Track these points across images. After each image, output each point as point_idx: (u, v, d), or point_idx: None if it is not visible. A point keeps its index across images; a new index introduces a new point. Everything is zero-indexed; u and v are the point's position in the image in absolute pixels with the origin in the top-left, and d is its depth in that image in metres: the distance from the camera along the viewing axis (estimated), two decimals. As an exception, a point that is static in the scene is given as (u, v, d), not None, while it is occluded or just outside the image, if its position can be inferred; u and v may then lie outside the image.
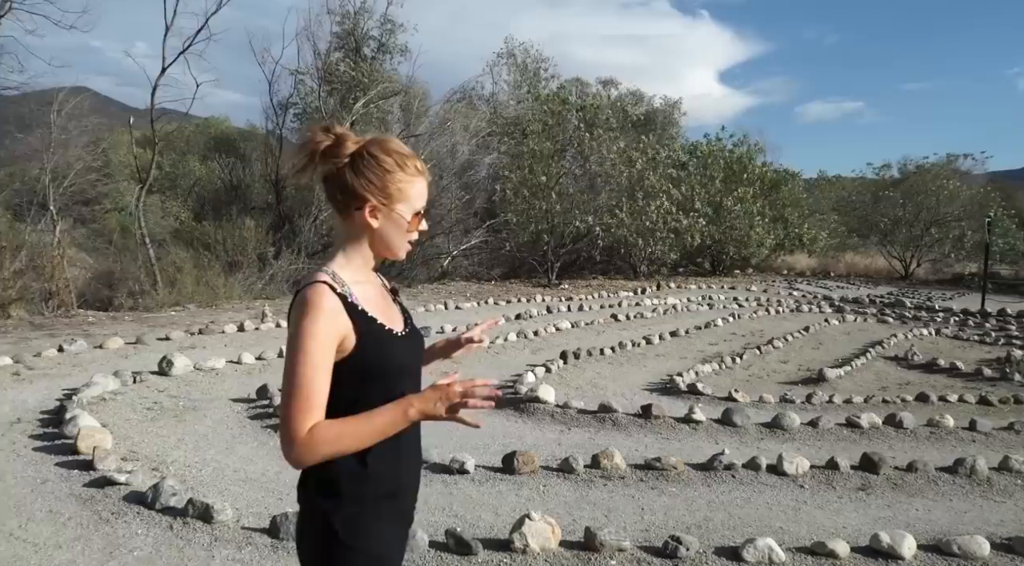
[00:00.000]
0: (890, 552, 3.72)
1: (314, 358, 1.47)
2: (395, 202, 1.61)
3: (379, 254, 1.68)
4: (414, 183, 1.63)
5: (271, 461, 5.12)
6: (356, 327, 1.54)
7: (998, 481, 5.12)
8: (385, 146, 1.62)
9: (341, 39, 25.21)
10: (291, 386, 1.46)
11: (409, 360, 1.67)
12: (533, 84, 30.75)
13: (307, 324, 1.48)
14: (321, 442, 1.44)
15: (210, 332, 9.53)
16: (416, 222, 1.66)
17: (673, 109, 40.71)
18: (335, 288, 1.54)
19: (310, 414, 1.45)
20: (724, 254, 23.67)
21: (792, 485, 4.97)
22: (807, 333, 12.35)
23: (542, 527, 3.68)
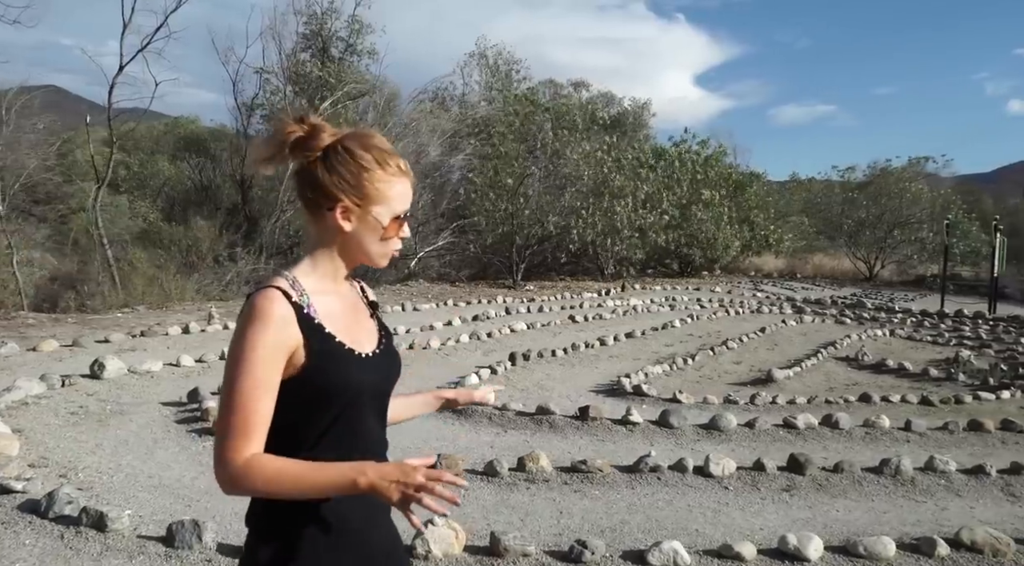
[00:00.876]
0: (796, 554, 3.69)
1: (256, 372, 1.31)
2: (371, 203, 1.44)
3: (353, 260, 1.50)
4: (394, 183, 1.46)
5: (189, 466, 5.00)
6: (307, 343, 1.36)
7: (922, 481, 5.13)
8: (364, 141, 1.45)
9: (308, 39, 25.01)
10: (229, 403, 1.31)
11: (373, 384, 1.47)
12: (505, 85, 30.77)
13: (251, 334, 1.32)
14: (256, 477, 1.28)
15: (153, 334, 9.34)
16: (396, 227, 1.47)
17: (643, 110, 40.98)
18: (290, 296, 1.38)
19: (247, 438, 1.29)
20: (691, 256, 23.78)
21: (717, 487, 4.94)
22: (763, 334, 12.39)
23: (445, 533, 3.60)
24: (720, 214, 22.88)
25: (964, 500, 4.90)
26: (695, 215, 22.09)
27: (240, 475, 1.28)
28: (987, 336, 12.80)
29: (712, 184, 23.81)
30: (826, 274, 26.62)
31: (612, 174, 19.10)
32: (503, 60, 33.10)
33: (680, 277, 23.35)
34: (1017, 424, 6.67)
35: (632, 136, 31.57)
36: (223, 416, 1.31)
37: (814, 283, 23.31)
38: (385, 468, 1.28)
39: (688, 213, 22.18)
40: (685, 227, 22.34)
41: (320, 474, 1.29)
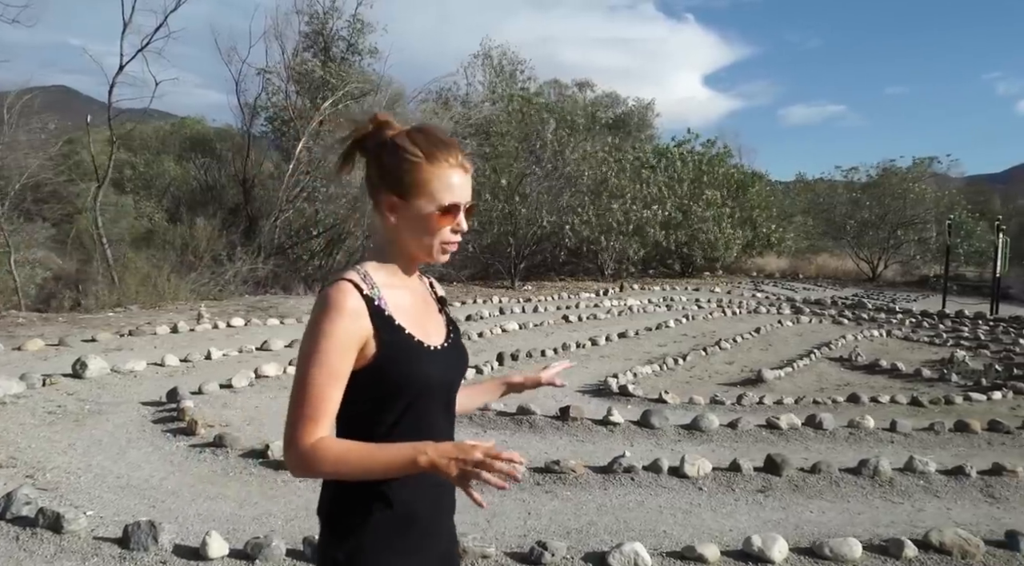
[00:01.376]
0: (760, 556, 3.63)
1: (328, 361, 1.34)
2: (414, 197, 1.44)
3: (410, 255, 1.50)
4: (441, 175, 1.44)
5: (160, 467, 4.97)
6: (378, 334, 1.39)
7: (900, 482, 5.06)
8: (415, 135, 1.46)
9: (310, 39, 25.08)
10: (300, 389, 1.35)
11: (441, 376, 1.49)
12: (508, 85, 30.77)
13: (324, 324, 1.36)
14: (322, 460, 1.32)
15: (141, 333, 9.33)
16: (443, 219, 1.45)
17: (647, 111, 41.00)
18: (362, 289, 1.40)
19: (316, 422, 1.34)
20: (693, 256, 23.70)
21: (691, 488, 4.88)
22: (758, 334, 12.31)
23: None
24: (722, 214, 22.80)
25: (942, 501, 4.83)
26: (696, 214, 21.99)
27: (309, 457, 1.33)
28: (985, 337, 12.68)
29: (715, 184, 23.74)
30: (829, 274, 26.49)
31: (611, 174, 19.02)
32: (507, 60, 33.17)
33: (681, 277, 23.27)
34: (1004, 425, 6.58)
35: (636, 136, 31.57)
36: (294, 403, 1.36)
37: (816, 283, 23.19)
38: (444, 446, 1.31)
39: (689, 212, 22.09)
40: (686, 227, 22.26)
41: (383, 454, 1.33)
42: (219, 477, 4.84)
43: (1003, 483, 5.09)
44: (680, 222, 22.05)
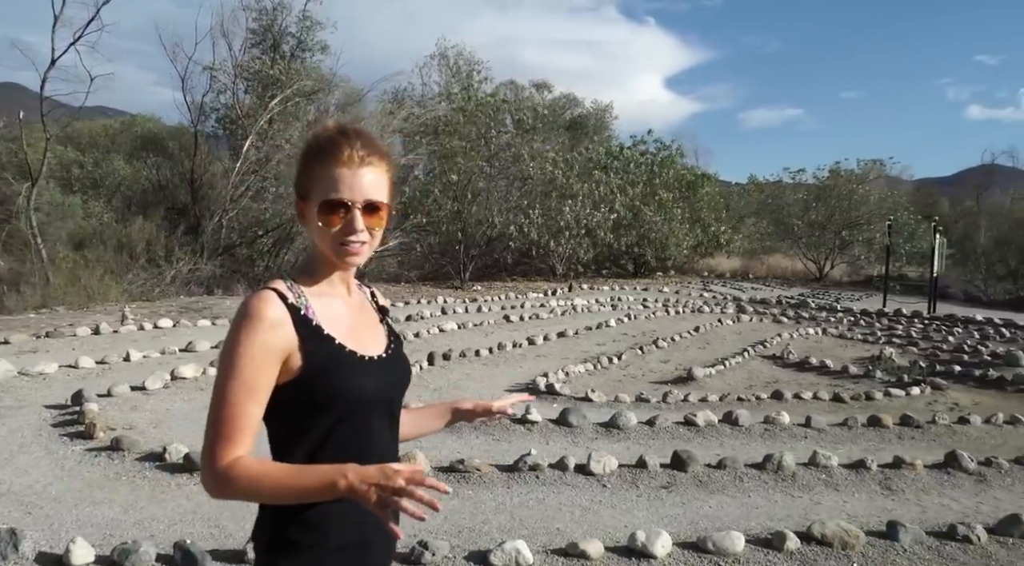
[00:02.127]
0: (643, 551, 3.62)
1: (243, 375, 1.26)
2: (306, 197, 1.36)
3: (328, 260, 1.39)
4: (326, 173, 1.34)
5: (48, 472, 4.80)
6: (303, 345, 1.31)
7: (803, 476, 5.10)
8: (312, 134, 1.40)
9: (258, 35, 24.72)
10: (216, 406, 1.27)
11: (378, 388, 1.39)
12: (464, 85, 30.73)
13: (241, 335, 1.27)
14: (235, 480, 1.24)
15: (59, 335, 9.05)
16: (330, 219, 1.34)
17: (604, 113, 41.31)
18: (287, 298, 1.32)
19: (232, 441, 1.25)
20: (644, 256, 23.89)
21: (595, 485, 4.86)
22: (696, 333, 12.42)
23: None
24: (672, 215, 23.00)
25: (840, 494, 4.89)
26: (646, 215, 22.16)
27: (222, 478, 1.25)
28: (917, 334, 12.95)
29: (666, 185, 23.96)
30: (778, 275, 26.92)
31: (558, 173, 19.05)
32: (464, 61, 33.12)
33: (633, 277, 23.41)
34: (914, 420, 6.70)
35: (593, 138, 31.70)
36: (210, 419, 1.28)
37: (765, 283, 23.52)
38: (366, 470, 1.20)
39: (640, 213, 22.25)
40: (637, 227, 22.41)
41: (302, 477, 1.24)
42: (110, 482, 4.68)
43: (901, 476, 5.17)
44: (630, 223, 22.22)
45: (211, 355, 8.29)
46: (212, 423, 1.28)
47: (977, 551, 3.89)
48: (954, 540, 3.96)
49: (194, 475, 4.76)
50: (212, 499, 1.31)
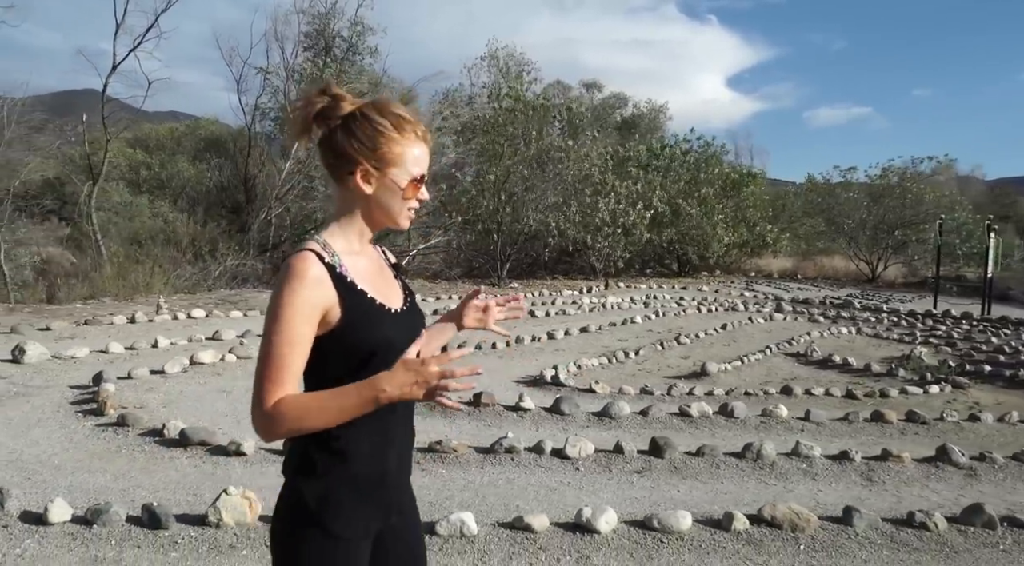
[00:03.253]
0: (587, 526, 3.70)
1: (290, 328, 1.40)
2: (389, 166, 1.52)
3: (377, 223, 1.58)
4: (411, 147, 1.53)
5: (57, 444, 5.13)
6: (342, 300, 1.45)
7: (782, 465, 5.08)
8: (382, 107, 1.53)
9: (311, 39, 25.42)
10: (263, 356, 1.42)
11: (403, 339, 1.51)
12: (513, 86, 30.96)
13: (286, 293, 1.41)
14: (285, 417, 1.38)
15: (97, 323, 9.55)
16: (413, 189, 1.55)
17: (658, 112, 41.02)
18: (323, 257, 1.47)
19: (279, 386, 1.39)
20: (687, 255, 23.69)
21: (568, 468, 4.94)
22: (724, 331, 12.30)
23: (238, 502, 3.67)
24: (714, 212, 22.74)
25: (817, 483, 4.85)
26: (685, 212, 21.97)
27: (271, 417, 1.38)
28: (959, 336, 12.54)
29: (710, 182, 23.72)
30: (829, 275, 26.30)
31: (595, 171, 19.06)
32: (514, 61, 33.36)
33: (677, 277, 23.22)
34: (920, 416, 6.57)
35: (647, 137, 31.50)
36: (258, 368, 1.42)
37: (814, 284, 23.02)
38: (395, 374, 1.37)
39: (680, 211, 22.07)
40: (676, 224, 22.23)
41: (342, 398, 1.39)
42: (111, 454, 4.98)
43: (886, 468, 5.10)
44: (669, 220, 22.05)
45: (232, 343, 8.64)
46: (260, 372, 1.42)
47: (933, 538, 3.84)
48: (911, 527, 3.92)
49: (187, 449, 5.03)
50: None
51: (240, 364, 7.84)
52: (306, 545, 1.48)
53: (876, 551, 3.74)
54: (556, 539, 3.69)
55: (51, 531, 3.58)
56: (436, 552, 3.51)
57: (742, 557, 3.62)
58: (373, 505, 1.53)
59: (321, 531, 1.47)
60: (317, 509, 1.47)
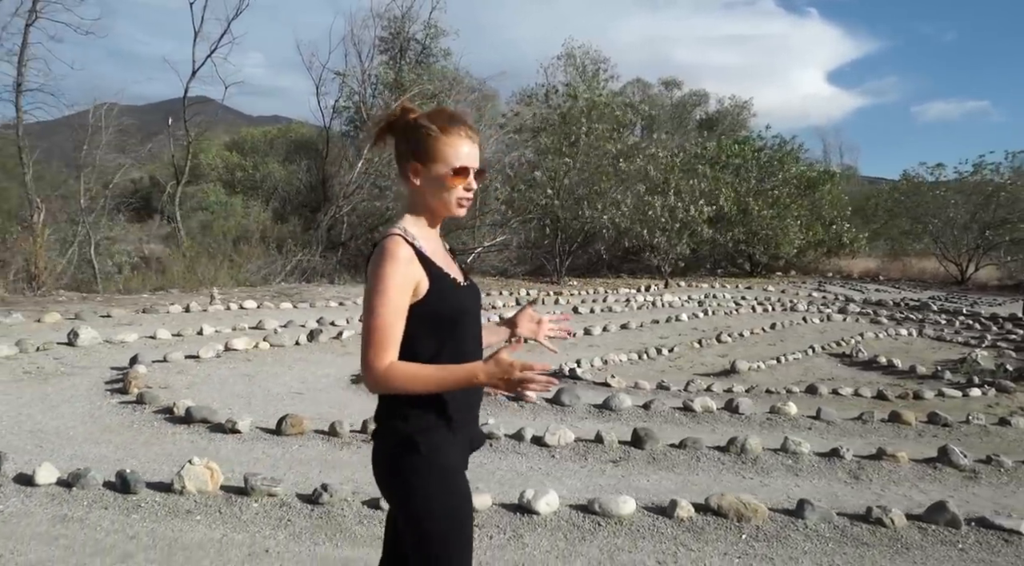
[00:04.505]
0: (528, 507, 3.76)
1: (392, 299, 1.69)
2: (432, 162, 1.79)
3: (435, 211, 1.85)
4: (453, 144, 1.79)
5: (78, 418, 5.55)
6: (428, 275, 1.75)
7: (766, 460, 4.98)
8: (432, 114, 1.83)
9: (386, 43, 26.16)
10: (371, 323, 1.70)
11: (472, 307, 1.88)
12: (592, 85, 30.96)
13: (387, 269, 1.70)
14: (395, 378, 1.68)
15: (154, 311, 10.17)
16: (456, 180, 1.80)
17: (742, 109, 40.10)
18: (408, 240, 1.76)
19: (386, 348, 1.68)
20: (756, 255, 23.10)
21: (544, 455, 5.00)
22: (773, 330, 11.98)
23: (201, 471, 3.91)
24: (787, 212, 22.06)
25: (798, 478, 4.74)
26: (755, 211, 21.41)
27: (383, 377, 1.69)
28: (1032, 340, 11.81)
29: (786, 181, 23.06)
30: (915, 277, 25.09)
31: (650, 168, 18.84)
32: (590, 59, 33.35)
33: (749, 276, 22.67)
34: (942, 417, 6.28)
35: (727, 135, 30.85)
36: (367, 334, 1.71)
37: (895, 285, 22.01)
38: (489, 370, 1.68)
39: (748, 209, 21.54)
40: (744, 223, 21.72)
41: (445, 375, 1.70)
42: (122, 428, 5.36)
43: (877, 466, 4.93)
44: (739, 219, 21.56)
45: (268, 333, 9.05)
46: (369, 336, 1.69)
47: (887, 534, 3.71)
48: (867, 522, 3.79)
49: (190, 426, 5.36)
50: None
51: (271, 352, 8.23)
52: (429, 481, 1.76)
53: (822, 544, 3.65)
54: (495, 518, 3.77)
55: (36, 492, 3.92)
56: (371, 525, 3.65)
57: (678, 543, 3.60)
58: (463, 445, 1.87)
59: (438, 468, 1.77)
60: (428, 451, 1.76)
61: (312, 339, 8.82)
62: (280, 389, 6.79)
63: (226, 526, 3.64)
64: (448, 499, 1.79)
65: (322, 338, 8.89)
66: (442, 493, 1.78)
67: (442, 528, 1.79)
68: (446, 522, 1.79)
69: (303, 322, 9.87)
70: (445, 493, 1.78)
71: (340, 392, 6.85)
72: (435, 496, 1.77)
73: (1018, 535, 3.75)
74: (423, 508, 1.78)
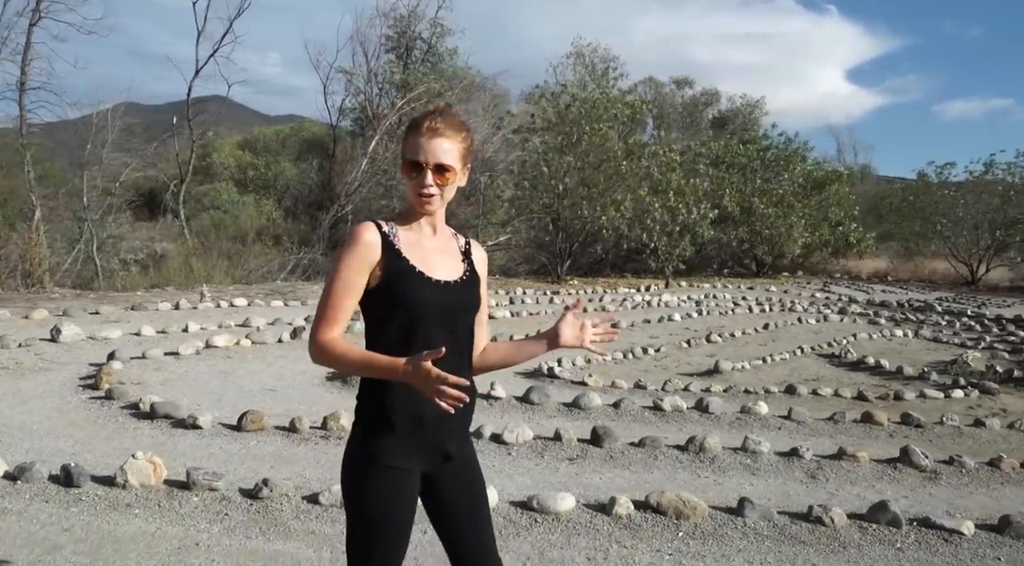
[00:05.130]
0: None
1: (343, 278, 1.77)
2: (403, 158, 1.85)
3: (416, 208, 1.86)
4: (412, 139, 1.82)
5: (46, 413, 5.60)
6: (383, 260, 1.79)
7: (724, 459, 4.95)
8: (416, 116, 1.91)
9: (392, 41, 26.26)
10: (324, 298, 1.80)
11: (437, 301, 1.82)
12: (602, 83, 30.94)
13: (345, 251, 1.79)
14: (330, 353, 1.74)
15: (143, 308, 10.25)
16: (410, 173, 1.81)
17: (754, 108, 39.92)
18: (381, 227, 1.82)
19: (331, 323, 1.77)
20: (756, 254, 22.96)
21: (501, 452, 4.99)
22: (766, 330, 11.90)
23: (144, 465, 3.93)
24: (791, 211, 21.89)
25: (754, 477, 4.70)
26: (758, 210, 21.28)
27: (320, 349, 1.76)
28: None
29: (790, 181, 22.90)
30: (925, 278, 24.78)
31: (653, 168, 18.77)
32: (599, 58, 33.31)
33: (756, 277, 22.50)
34: (915, 419, 6.22)
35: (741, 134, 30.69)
36: (319, 308, 1.80)
37: (904, 286, 21.75)
38: (407, 369, 1.65)
39: (752, 209, 21.41)
40: (748, 223, 21.59)
41: (372, 363, 1.72)
42: (87, 423, 5.41)
43: (836, 466, 4.88)
44: (743, 219, 21.44)
45: (251, 330, 9.10)
46: (320, 310, 1.78)
47: (825, 533, 3.67)
48: (807, 521, 3.76)
49: (153, 421, 5.40)
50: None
51: (252, 349, 8.27)
52: (361, 475, 1.81)
53: (758, 542, 3.61)
54: (432, 514, 3.76)
55: (-18, 484, 3.97)
56: (308, 520, 3.67)
57: (613, 539, 3.58)
58: (412, 444, 1.81)
59: (370, 461, 1.80)
60: (365, 444, 1.81)
61: (295, 337, 8.86)
62: (254, 386, 6.83)
63: (163, 519, 3.65)
64: (361, 494, 1.81)
65: (304, 336, 8.92)
66: (360, 486, 1.81)
67: (354, 521, 1.83)
68: (357, 517, 1.82)
69: (290, 320, 9.91)
70: (362, 487, 1.81)
71: (313, 389, 6.87)
72: (354, 484, 1.82)
73: (959, 535, 3.69)
74: (344, 493, 1.85)
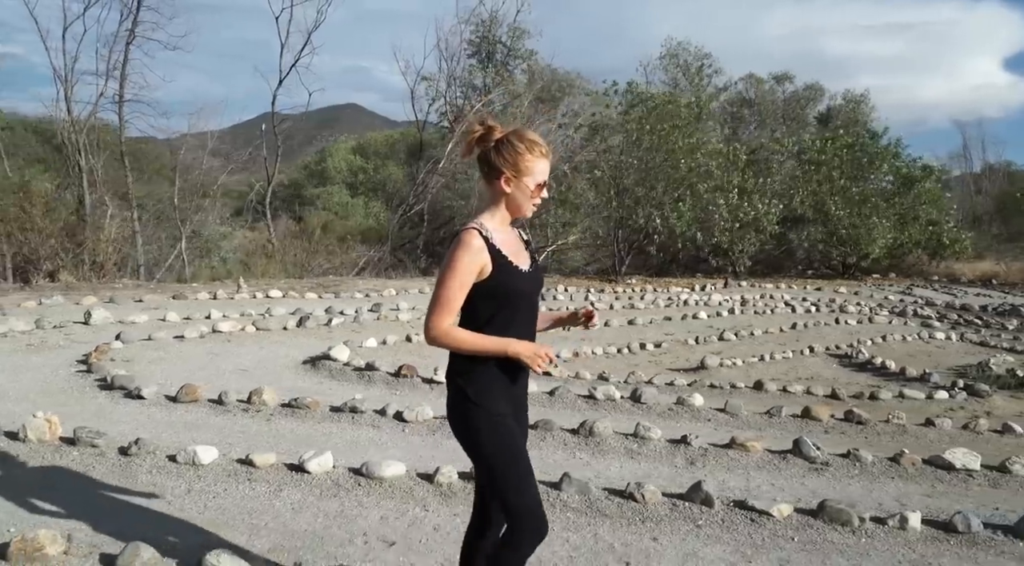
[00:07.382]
0: (302, 467, 4.07)
1: (458, 277, 2.14)
2: (522, 176, 2.24)
3: (513, 213, 2.30)
4: (538, 162, 2.24)
5: (31, 382, 6.28)
6: (493, 260, 2.19)
7: (611, 443, 5.02)
8: (520, 135, 2.26)
9: (474, 46, 26.93)
10: (438, 293, 2.17)
11: (527, 288, 2.30)
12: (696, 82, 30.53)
13: (460, 254, 2.16)
14: (449, 338, 2.16)
15: (183, 297, 11.15)
16: (537, 191, 2.28)
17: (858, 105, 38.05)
18: (482, 233, 2.20)
19: (447, 314, 2.15)
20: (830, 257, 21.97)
21: (396, 428, 5.25)
22: (792, 330, 11.53)
23: (41, 424, 4.47)
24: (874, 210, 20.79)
25: (632, 461, 4.78)
26: (831, 210, 20.37)
27: (439, 336, 2.18)
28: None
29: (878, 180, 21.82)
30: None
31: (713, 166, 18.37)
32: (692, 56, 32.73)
33: (839, 279, 21.47)
34: (858, 416, 6.08)
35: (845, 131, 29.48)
36: (434, 300, 2.19)
37: (1009, 290, 20.04)
38: (522, 348, 2.20)
39: (828, 209, 20.52)
40: (826, 224, 20.72)
41: (486, 345, 2.20)
42: (59, 392, 6.06)
43: (721, 454, 4.87)
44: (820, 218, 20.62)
45: (250, 318, 9.73)
46: (435, 303, 2.17)
47: (633, 509, 3.75)
48: (621, 497, 3.83)
49: (110, 392, 5.99)
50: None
51: (254, 335, 8.88)
52: (479, 420, 2.23)
53: (562, 514, 3.74)
54: (271, 474, 4.08)
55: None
56: (159, 475, 4.08)
57: (422, 505, 3.80)
58: (509, 397, 2.28)
59: (484, 411, 2.22)
60: (477, 398, 2.21)
61: (300, 325, 9.43)
62: (230, 367, 7.37)
63: (43, 469, 4.16)
64: (493, 435, 2.22)
65: (309, 324, 9.49)
66: (489, 431, 2.22)
67: (496, 458, 2.23)
68: (497, 453, 2.23)
69: (310, 310, 10.50)
70: (491, 431, 2.22)
71: (284, 371, 7.34)
72: (484, 432, 2.22)
73: (768, 517, 3.67)
74: (476, 442, 2.25)
